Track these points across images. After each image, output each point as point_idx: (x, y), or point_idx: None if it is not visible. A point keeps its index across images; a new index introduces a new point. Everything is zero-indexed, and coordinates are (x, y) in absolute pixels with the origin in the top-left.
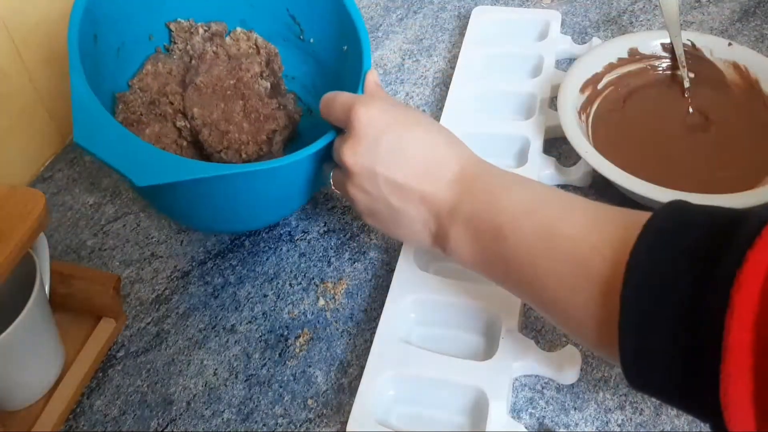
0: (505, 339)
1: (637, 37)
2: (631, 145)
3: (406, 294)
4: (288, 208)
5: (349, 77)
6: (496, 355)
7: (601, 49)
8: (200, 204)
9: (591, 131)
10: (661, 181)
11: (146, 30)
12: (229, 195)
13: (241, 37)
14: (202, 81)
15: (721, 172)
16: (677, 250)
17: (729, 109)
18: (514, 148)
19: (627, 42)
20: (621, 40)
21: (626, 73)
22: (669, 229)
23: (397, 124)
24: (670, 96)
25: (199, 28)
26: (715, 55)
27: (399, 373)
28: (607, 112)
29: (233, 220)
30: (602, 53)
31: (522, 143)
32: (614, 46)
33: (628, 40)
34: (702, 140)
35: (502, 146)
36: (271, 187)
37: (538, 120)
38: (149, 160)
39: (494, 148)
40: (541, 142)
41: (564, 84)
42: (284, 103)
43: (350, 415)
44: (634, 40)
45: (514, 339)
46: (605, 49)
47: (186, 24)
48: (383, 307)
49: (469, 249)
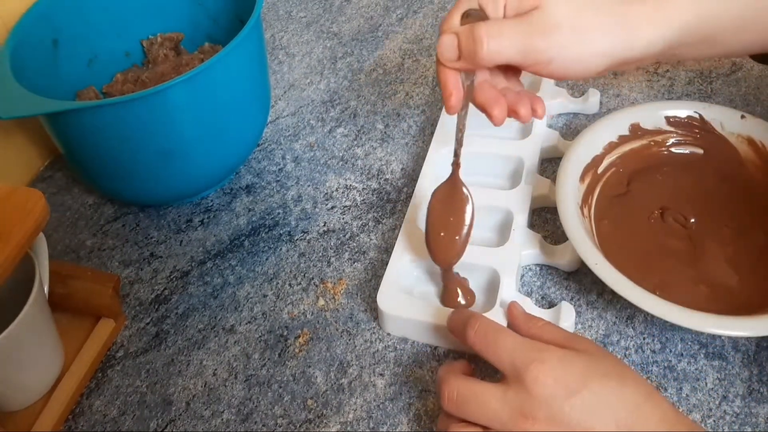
0: (515, 231)
1: (639, 110)
2: (637, 244)
3: (428, 194)
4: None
5: None
6: (508, 243)
7: (601, 127)
8: (104, 158)
9: (594, 227)
10: (679, 291)
11: (122, 47)
12: (119, 137)
13: (207, 50)
14: (147, 76)
15: (745, 278)
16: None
17: (745, 191)
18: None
19: (628, 117)
20: (622, 114)
21: (629, 152)
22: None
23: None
24: (679, 176)
25: (158, 38)
26: (727, 129)
27: (421, 256)
28: (611, 199)
29: (146, 176)
30: (602, 131)
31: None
32: (614, 123)
33: (630, 115)
34: (718, 232)
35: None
36: (150, 124)
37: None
38: (16, 96)
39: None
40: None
41: (562, 172)
42: None
43: (378, 290)
44: (636, 114)
45: (523, 233)
46: (605, 127)
47: (154, 39)
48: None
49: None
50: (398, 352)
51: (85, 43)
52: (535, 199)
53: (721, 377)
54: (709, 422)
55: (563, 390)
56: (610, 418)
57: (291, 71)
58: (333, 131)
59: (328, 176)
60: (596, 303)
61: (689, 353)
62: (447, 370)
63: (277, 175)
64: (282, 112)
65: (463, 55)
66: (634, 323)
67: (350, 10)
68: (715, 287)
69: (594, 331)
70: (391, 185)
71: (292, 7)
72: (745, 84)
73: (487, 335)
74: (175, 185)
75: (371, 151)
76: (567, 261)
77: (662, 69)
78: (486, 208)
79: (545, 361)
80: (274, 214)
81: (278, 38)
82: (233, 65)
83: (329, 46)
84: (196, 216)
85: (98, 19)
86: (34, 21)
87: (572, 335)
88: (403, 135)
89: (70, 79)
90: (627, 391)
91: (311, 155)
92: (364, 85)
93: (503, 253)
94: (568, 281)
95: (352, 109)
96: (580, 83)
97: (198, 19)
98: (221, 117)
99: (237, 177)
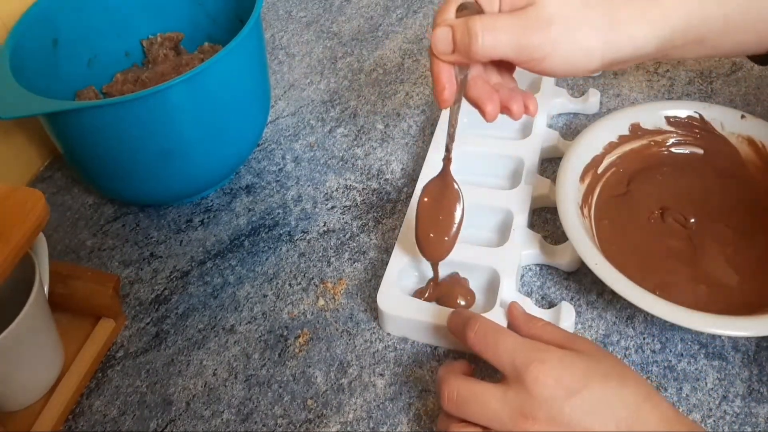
0: (515, 231)
1: (639, 110)
2: (637, 244)
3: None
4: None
5: None
6: (508, 243)
7: (601, 127)
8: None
9: (594, 227)
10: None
11: (122, 47)
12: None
13: (206, 50)
14: (147, 76)
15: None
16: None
17: (745, 191)
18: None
19: (628, 116)
20: (622, 114)
21: (629, 152)
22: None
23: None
24: (679, 176)
25: (158, 38)
26: (727, 129)
27: (421, 256)
28: (611, 199)
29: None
30: (602, 131)
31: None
32: (614, 122)
33: (630, 114)
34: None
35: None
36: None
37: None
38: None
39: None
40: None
41: (562, 172)
42: None
43: (378, 290)
44: (636, 114)
45: (523, 233)
46: (605, 127)
47: (154, 39)
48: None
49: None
50: (398, 352)
51: (85, 43)
52: (535, 199)
53: (721, 377)
54: (709, 422)
55: (563, 390)
56: (610, 418)
57: (291, 71)
58: (333, 131)
59: (328, 176)
60: (596, 303)
61: (689, 353)
62: (447, 370)
63: (277, 175)
64: (282, 112)
65: (457, 48)
66: (634, 323)
67: (350, 10)
68: (715, 287)
69: (594, 331)
70: (391, 185)
71: (292, 7)
72: (745, 84)
73: (487, 336)
74: (175, 185)
75: (371, 151)
76: (567, 261)
77: (662, 69)
78: (486, 208)
79: (545, 362)
80: (274, 214)
81: (278, 38)
82: (233, 65)
83: (329, 46)
84: (196, 216)
85: (98, 19)
86: (33, 21)
87: (572, 336)
88: (403, 135)
89: (70, 79)
90: (627, 391)
91: (311, 155)
92: (364, 85)
93: (503, 253)
94: (568, 281)
95: (352, 109)
96: (580, 83)
97: (198, 18)
98: (221, 117)
99: (237, 177)
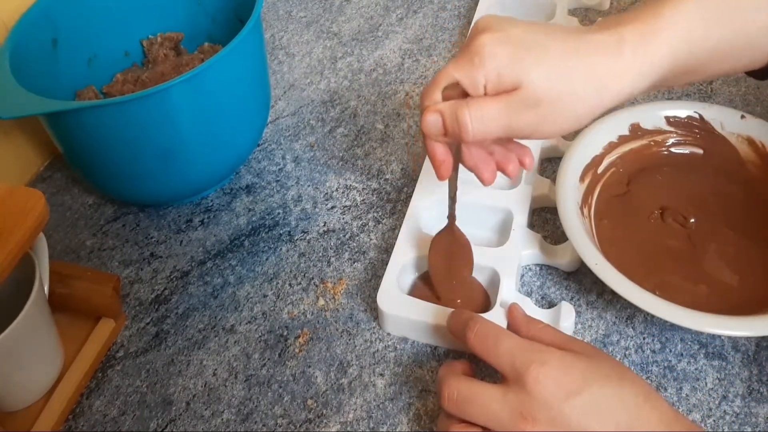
0: (515, 231)
1: (639, 110)
2: (637, 244)
3: (428, 194)
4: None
5: None
6: (508, 243)
7: (601, 127)
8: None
9: (594, 227)
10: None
11: (122, 47)
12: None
13: (206, 50)
14: (147, 76)
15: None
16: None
17: (745, 191)
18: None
19: (628, 116)
20: (622, 115)
21: (628, 152)
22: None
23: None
24: (679, 176)
25: (158, 38)
26: (727, 129)
27: (421, 255)
28: (611, 199)
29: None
30: (602, 131)
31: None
32: (615, 123)
33: (630, 115)
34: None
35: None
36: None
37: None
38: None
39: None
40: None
41: (562, 172)
42: None
43: (378, 290)
44: (636, 114)
45: (523, 233)
46: (605, 127)
47: (154, 39)
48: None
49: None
50: (398, 352)
51: (84, 43)
52: (535, 199)
53: (720, 377)
54: (708, 422)
55: (563, 391)
56: (610, 419)
57: (291, 71)
58: (333, 131)
59: (328, 176)
60: (596, 303)
61: (689, 353)
62: (447, 370)
63: (277, 175)
64: (282, 112)
65: (448, 133)
66: (634, 323)
67: (350, 10)
68: (715, 287)
69: (594, 331)
70: (391, 185)
71: (292, 7)
72: (745, 84)
73: (487, 337)
74: (175, 185)
75: (371, 151)
76: (567, 261)
77: None
78: (486, 208)
79: (545, 363)
80: (274, 214)
81: (278, 38)
82: (233, 65)
83: (329, 46)
84: (196, 216)
85: (98, 19)
86: (33, 21)
87: (571, 338)
88: (403, 135)
89: (70, 79)
90: (626, 392)
91: (311, 155)
92: (364, 85)
93: (503, 253)
94: (568, 281)
95: (352, 109)
96: None
97: (197, 18)
98: (221, 117)
99: (237, 177)
